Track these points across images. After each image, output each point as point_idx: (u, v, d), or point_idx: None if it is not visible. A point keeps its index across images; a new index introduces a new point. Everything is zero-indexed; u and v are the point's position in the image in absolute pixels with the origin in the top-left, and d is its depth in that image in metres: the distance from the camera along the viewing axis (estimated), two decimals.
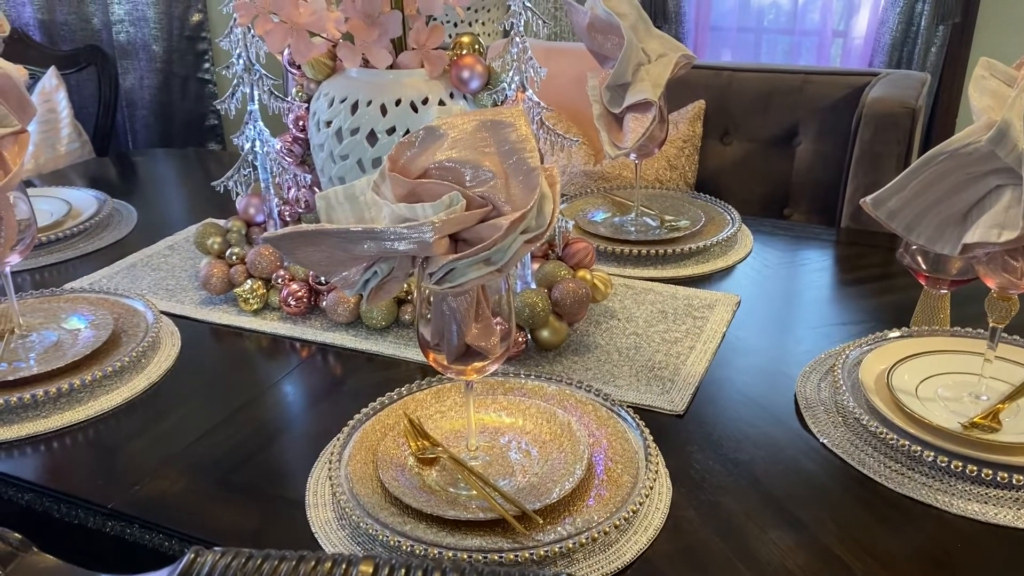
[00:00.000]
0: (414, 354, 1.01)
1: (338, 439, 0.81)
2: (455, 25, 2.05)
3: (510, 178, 0.64)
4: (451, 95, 1.02)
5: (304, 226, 0.64)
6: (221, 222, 1.22)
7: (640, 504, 0.72)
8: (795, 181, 1.68)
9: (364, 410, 0.86)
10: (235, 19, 1.07)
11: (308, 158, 1.19)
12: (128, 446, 0.86)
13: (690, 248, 1.23)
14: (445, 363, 0.71)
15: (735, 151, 1.71)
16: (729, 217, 1.34)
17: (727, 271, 1.23)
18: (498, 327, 0.71)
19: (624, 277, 1.19)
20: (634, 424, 0.82)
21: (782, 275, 1.23)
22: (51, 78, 2.05)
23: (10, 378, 0.92)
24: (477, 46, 1.04)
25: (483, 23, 2.36)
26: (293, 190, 1.18)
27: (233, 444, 0.86)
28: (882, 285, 1.19)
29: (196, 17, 2.49)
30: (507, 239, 0.61)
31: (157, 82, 2.48)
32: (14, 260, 0.96)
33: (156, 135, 2.53)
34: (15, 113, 0.92)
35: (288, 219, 1.20)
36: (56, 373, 0.94)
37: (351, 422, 0.84)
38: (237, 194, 1.18)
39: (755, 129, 1.68)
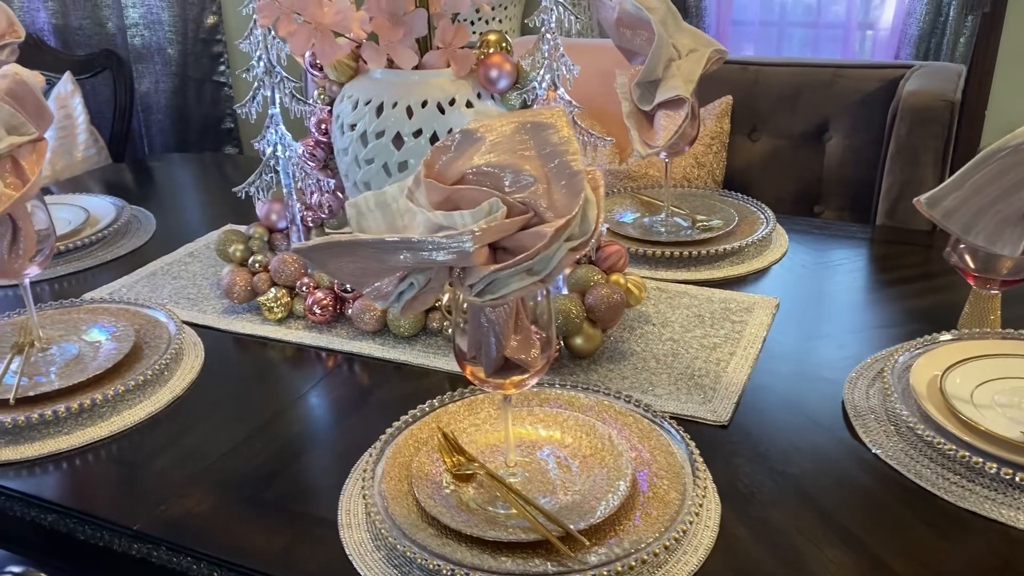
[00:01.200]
0: (443, 363, 0.98)
1: (370, 455, 0.78)
2: (472, 24, 2.02)
3: (552, 182, 0.61)
4: (478, 95, 0.99)
5: (337, 236, 0.61)
6: (242, 228, 1.19)
7: (690, 523, 0.69)
8: (826, 177, 1.63)
9: (396, 423, 0.83)
10: (255, 20, 1.04)
11: (330, 162, 1.16)
12: (153, 463, 0.83)
13: (724, 249, 1.20)
14: (483, 376, 0.68)
15: (763, 147, 1.67)
16: (763, 216, 1.30)
17: (762, 272, 1.19)
18: (537, 338, 0.68)
19: (657, 280, 1.15)
20: (678, 436, 0.79)
21: (820, 276, 1.19)
22: (66, 83, 2.03)
23: (31, 393, 0.89)
24: (504, 44, 1.01)
25: (500, 20, 2.33)
26: (316, 195, 1.15)
27: (260, 460, 0.83)
28: (925, 285, 1.15)
29: (211, 19, 2.46)
30: (551, 247, 0.58)
31: (172, 86, 2.46)
32: (33, 272, 0.93)
33: (172, 139, 2.51)
34: (32, 121, 0.89)
35: (311, 224, 1.17)
36: (77, 388, 0.91)
37: (383, 436, 0.81)
38: (258, 200, 1.15)
39: (784, 125, 1.64)
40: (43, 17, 2.23)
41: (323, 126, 1.12)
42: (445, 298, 1.01)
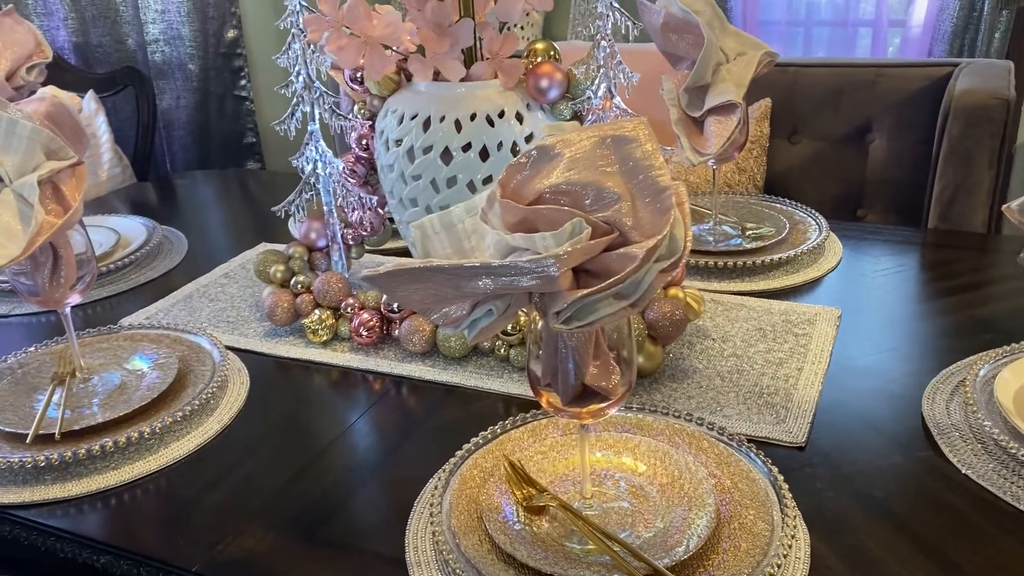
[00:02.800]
0: (497, 385, 0.94)
1: (435, 487, 0.74)
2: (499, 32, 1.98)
3: (636, 199, 0.57)
4: (527, 106, 0.95)
5: (410, 262, 0.57)
6: (281, 248, 1.16)
7: (784, 556, 0.65)
8: (869, 180, 1.59)
9: (458, 452, 0.79)
10: (292, 35, 1.01)
11: (371, 178, 1.13)
12: (205, 499, 0.80)
13: (778, 258, 1.15)
14: (559, 405, 0.64)
15: (804, 150, 1.63)
16: (814, 223, 1.25)
17: (817, 282, 1.15)
18: (617, 363, 0.64)
19: (712, 292, 1.11)
20: (759, 461, 0.75)
21: (878, 283, 1.14)
22: (90, 102, 2.01)
23: (76, 428, 0.86)
24: (552, 52, 0.97)
25: (522, 27, 2.29)
26: (357, 212, 1.11)
27: (318, 493, 0.79)
28: (989, 292, 1.11)
29: (231, 33, 2.44)
30: (641, 270, 0.54)
31: (194, 102, 2.43)
32: (74, 300, 0.90)
33: (194, 156, 2.49)
34: (71, 144, 0.86)
35: (351, 242, 1.14)
36: (123, 419, 0.88)
37: (446, 467, 0.77)
38: (297, 219, 1.12)
39: (825, 127, 1.60)
40: (63, 35, 2.21)
41: (364, 141, 1.09)
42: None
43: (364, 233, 1.14)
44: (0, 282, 1.23)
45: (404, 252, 1.29)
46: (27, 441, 0.84)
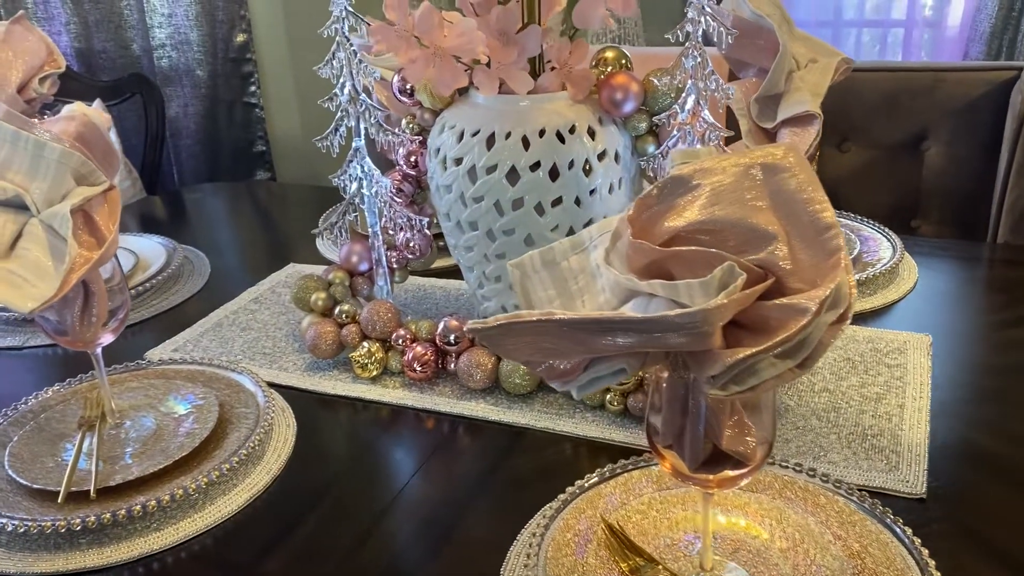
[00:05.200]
0: (569, 426, 0.86)
1: (527, 555, 0.66)
2: None
3: (793, 239, 0.49)
4: (600, 120, 0.87)
5: (529, 313, 0.49)
6: (316, 271, 1.07)
7: None
8: (924, 189, 1.51)
9: (545, 512, 0.71)
10: (337, 44, 0.93)
11: (418, 197, 1.04)
12: (263, 566, 0.71)
13: (856, 279, 1.07)
14: (685, 471, 0.56)
15: (855, 159, 1.55)
16: (886, 240, 1.18)
17: (894, 304, 1.07)
18: (753, 424, 0.56)
19: None
20: (889, 521, 0.67)
21: (962, 305, 1.07)
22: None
23: (112, 482, 0.77)
24: (624, 61, 0.89)
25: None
26: (403, 233, 1.03)
27: (390, 557, 0.71)
28: None
29: (241, 38, 2.34)
30: (811, 325, 0.46)
31: (203, 109, 2.34)
32: (106, 340, 0.81)
33: (203, 165, 2.39)
34: (102, 168, 0.77)
35: (395, 266, 1.06)
36: (162, 472, 0.79)
37: (534, 530, 0.69)
38: (340, 241, 1.04)
39: (877, 134, 1.52)
40: (65, 41, 2.12)
41: (412, 158, 1.00)
42: None
43: (410, 256, 1.05)
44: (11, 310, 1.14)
45: (448, 273, 1.21)
46: (59, 501, 0.75)
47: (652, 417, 0.57)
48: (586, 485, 0.73)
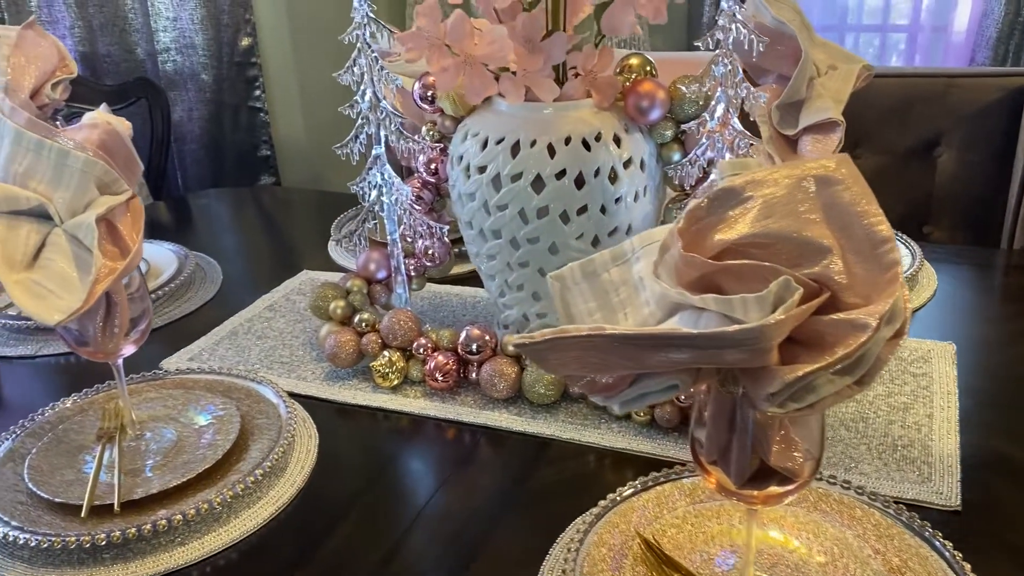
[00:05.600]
0: (596, 437, 0.85)
1: (563, 571, 0.65)
2: None
3: (847, 252, 0.48)
4: (625, 128, 0.86)
5: (578, 328, 0.48)
6: (333, 278, 1.06)
7: None
8: (937, 196, 1.51)
9: (578, 526, 0.70)
10: (358, 49, 0.92)
11: (437, 205, 1.03)
12: None
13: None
14: (730, 487, 0.55)
15: (866, 164, 1.55)
16: (905, 247, 1.17)
17: (915, 313, 1.07)
18: (800, 439, 0.55)
19: None
20: (928, 534, 0.66)
21: (984, 313, 1.06)
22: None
23: (135, 496, 0.76)
24: (649, 68, 0.89)
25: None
26: (423, 241, 1.02)
27: (422, 572, 0.70)
28: None
29: (246, 42, 2.33)
30: (871, 340, 0.45)
31: (207, 113, 2.32)
32: (128, 351, 0.80)
33: (207, 170, 2.38)
34: (124, 176, 0.76)
35: (412, 273, 1.05)
36: (184, 485, 0.78)
37: (568, 544, 0.68)
38: (359, 248, 1.03)
39: (889, 140, 1.52)
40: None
41: (432, 166, 0.99)
42: None
43: (428, 264, 1.04)
44: (29, 318, 1.12)
45: (464, 280, 1.20)
46: (82, 515, 0.74)
47: (697, 432, 0.56)
48: (618, 499, 0.72)
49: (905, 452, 0.80)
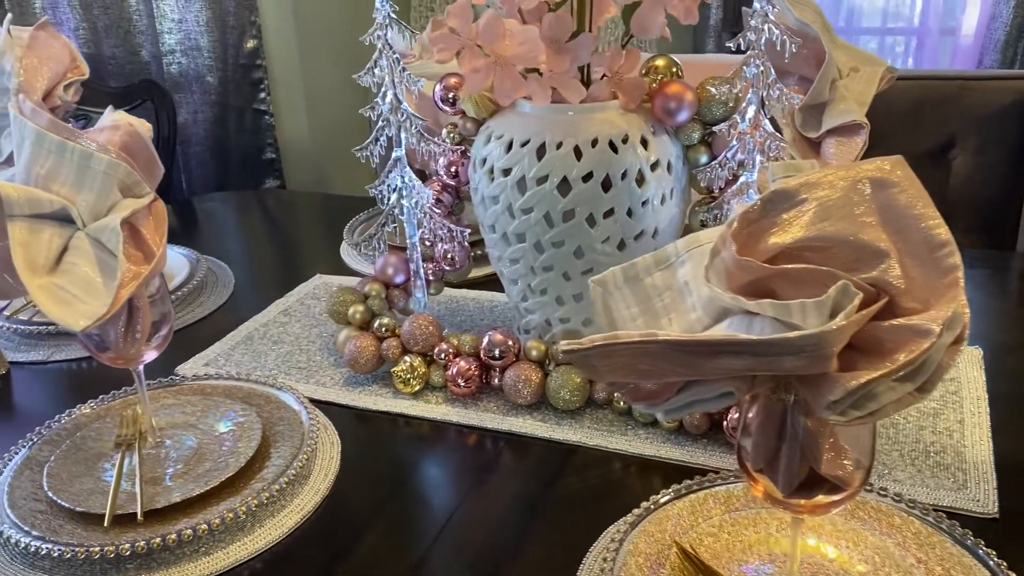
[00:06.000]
0: (622, 443, 0.84)
1: None
2: None
3: (904, 256, 0.47)
4: (652, 130, 0.85)
5: (631, 334, 0.47)
6: (350, 283, 1.05)
7: None
8: (951, 198, 1.50)
9: (611, 534, 0.69)
10: (380, 50, 0.90)
11: (456, 209, 1.02)
12: None
13: None
14: (778, 496, 0.54)
15: None
16: None
17: None
18: (850, 447, 0.54)
19: None
20: (970, 543, 0.65)
21: (1006, 316, 1.05)
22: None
23: (158, 504, 0.74)
24: (675, 69, 0.87)
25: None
26: (442, 245, 1.01)
27: None
28: None
29: (251, 43, 2.31)
30: (934, 347, 0.44)
31: (212, 115, 2.30)
32: (150, 357, 0.79)
33: (212, 173, 2.36)
34: (145, 178, 0.75)
35: (431, 278, 1.03)
36: (207, 494, 0.76)
37: (603, 554, 0.66)
38: (377, 253, 1.01)
39: (904, 143, 1.50)
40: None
41: (453, 168, 0.98)
42: None
43: (447, 268, 1.03)
44: (40, 323, 1.11)
45: (481, 284, 1.18)
46: (105, 524, 0.72)
47: (743, 440, 0.55)
48: (652, 507, 0.71)
49: (938, 458, 0.78)
